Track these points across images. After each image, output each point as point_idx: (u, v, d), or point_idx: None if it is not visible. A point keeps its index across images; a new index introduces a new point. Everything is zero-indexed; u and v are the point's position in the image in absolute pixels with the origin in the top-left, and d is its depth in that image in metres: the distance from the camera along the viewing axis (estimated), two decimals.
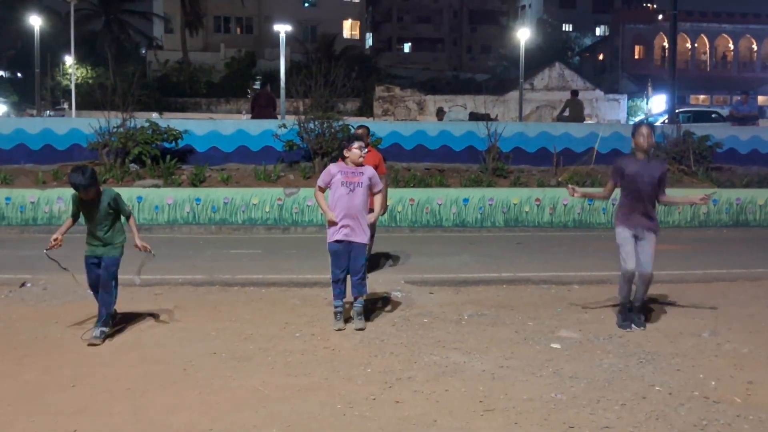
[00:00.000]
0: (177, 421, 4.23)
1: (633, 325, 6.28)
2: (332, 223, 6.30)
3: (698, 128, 17.55)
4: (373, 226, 6.64)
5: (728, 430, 4.16)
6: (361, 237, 6.35)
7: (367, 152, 8.14)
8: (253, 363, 5.33)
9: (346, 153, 6.46)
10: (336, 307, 6.40)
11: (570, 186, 6.64)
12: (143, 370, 5.16)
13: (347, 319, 6.44)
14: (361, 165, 6.42)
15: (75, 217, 6.11)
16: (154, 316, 6.68)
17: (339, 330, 6.23)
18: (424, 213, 13.84)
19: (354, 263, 6.36)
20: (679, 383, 4.92)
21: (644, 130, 6.34)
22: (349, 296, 6.52)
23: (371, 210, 6.67)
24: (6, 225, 13.34)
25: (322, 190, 6.45)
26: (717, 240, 12.81)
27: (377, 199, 6.60)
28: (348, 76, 16.33)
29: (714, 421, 4.27)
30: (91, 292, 6.13)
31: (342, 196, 6.27)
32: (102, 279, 5.97)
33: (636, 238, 6.28)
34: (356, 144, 6.41)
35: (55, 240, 5.90)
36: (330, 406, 4.48)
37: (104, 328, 5.93)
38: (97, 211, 5.93)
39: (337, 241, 6.32)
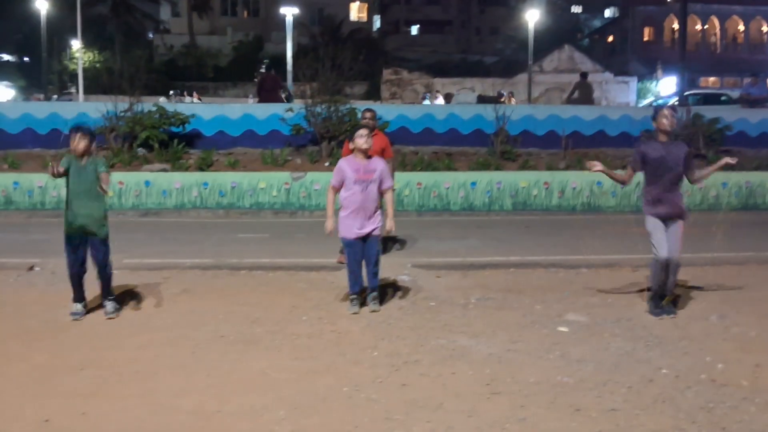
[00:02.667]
0: (186, 404, 4.26)
1: (664, 314, 6.14)
2: (331, 230, 6.31)
3: (708, 111, 17.42)
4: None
5: (735, 413, 4.15)
6: (375, 228, 6.31)
7: (374, 135, 8.12)
8: (260, 346, 5.36)
9: (351, 146, 6.39)
10: (351, 294, 6.36)
11: (589, 162, 6.39)
12: (152, 353, 5.19)
13: (362, 304, 6.39)
14: (368, 156, 6.33)
15: (64, 174, 5.93)
16: (162, 299, 6.71)
17: (354, 314, 6.20)
18: (431, 197, 13.81)
19: (368, 252, 6.33)
20: (687, 366, 4.91)
21: (666, 111, 6.24)
22: (364, 281, 6.48)
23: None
24: (14, 209, 13.40)
25: (336, 190, 6.35)
26: (726, 223, 12.72)
27: (388, 199, 6.43)
28: (355, 59, 16.27)
29: (721, 404, 4.26)
30: (72, 274, 6.00)
31: (356, 194, 6.22)
32: (98, 260, 6.02)
33: (665, 223, 6.19)
34: (359, 133, 6.33)
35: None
36: (337, 389, 4.50)
37: (116, 303, 6.16)
38: (85, 179, 5.90)
39: (351, 237, 6.27)
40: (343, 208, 6.33)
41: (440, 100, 25.02)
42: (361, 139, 6.30)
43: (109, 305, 6.14)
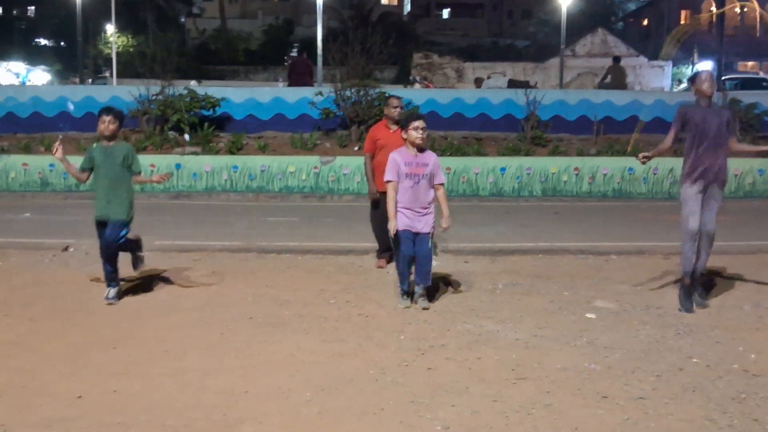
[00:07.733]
0: (214, 384, 4.31)
1: (695, 305, 5.89)
2: (392, 228, 6.06)
3: (745, 96, 17.03)
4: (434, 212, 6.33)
5: (767, 404, 4.08)
6: (425, 227, 6.09)
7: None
8: (288, 328, 5.40)
9: (404, 135, 6.14)
10: (401, 288, 6.14)
11: (640, 156, 6.13)
12: (182, 333, 5.26)
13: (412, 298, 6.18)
14: (421, 149, 6.05)
15: (84, 171, 6.13)
16: (192, 281, 6.80)
17: (406, 308, 5.98)
18: (460, 182, 13.75)
19: (419, 252, 6.09)
20: (718, 356, 4.83)
21: (705, 75, 6.01)
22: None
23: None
24: (50, 191, 13.68)
25: (395, 184, 6.04)
26: (762, 211, 12.48)
27: (441, 195, 6.16)
28: (385, 43, 16.21)
29: (753, 395, 4.19)
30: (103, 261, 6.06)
31: (406, 189, 6.02)
32: (107, 239, 5.96)
33: (703, 193, 5.90)
34: (414, 124, 6.01)
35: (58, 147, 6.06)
36: (363, 371, 4.52)
37: (117, 289, 6.12)
38: (111, 163, 5.97)
39: (402, 229, 6.06)
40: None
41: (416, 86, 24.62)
42: (417, 132, 5.99)
43: (111, 290, 6.06)
